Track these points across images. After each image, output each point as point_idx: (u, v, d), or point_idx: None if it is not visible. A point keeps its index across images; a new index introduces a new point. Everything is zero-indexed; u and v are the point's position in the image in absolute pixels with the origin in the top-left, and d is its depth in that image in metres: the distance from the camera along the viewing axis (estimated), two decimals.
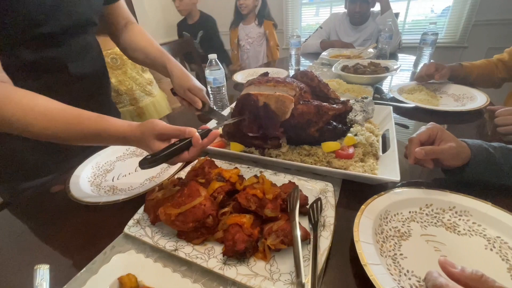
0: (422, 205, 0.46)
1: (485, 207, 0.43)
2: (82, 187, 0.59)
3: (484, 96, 0.84)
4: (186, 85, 0.69)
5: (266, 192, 0.44)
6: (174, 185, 0.49)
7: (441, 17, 2.33)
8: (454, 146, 0.46)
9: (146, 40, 0.78)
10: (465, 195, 0.45)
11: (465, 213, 0.44)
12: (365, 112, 0.62)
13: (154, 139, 0.46)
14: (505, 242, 0.39)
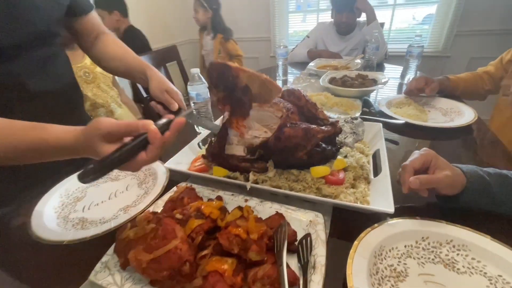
0: (418, 238, 0.43)
1: (484, 241, 0.41)
2: (46, 220, 0.52)
3: (472, 111, 0.83)
4: (164, 87, 0.68)
5: (251, 231, 0.39)
6: (148, 222, 0.44)
7: (423, 25, 2.38)
8: (449, 175, 0.44)
9: (123, 49, 0.77)
10: (462, 227, 0.43)
11: (463, 247, 0.41)
12: (355, 134, 0.59)
13: (101, 141, 0.37)
14: (507, 282, 0.37)
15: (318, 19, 2.63)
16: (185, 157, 0.67)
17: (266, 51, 2.87)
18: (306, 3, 2.75)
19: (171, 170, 0.62)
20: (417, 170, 0.47)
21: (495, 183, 0.45)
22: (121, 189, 0.63)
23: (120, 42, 0.78)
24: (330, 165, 0.56)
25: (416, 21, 2.49)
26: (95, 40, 0.75)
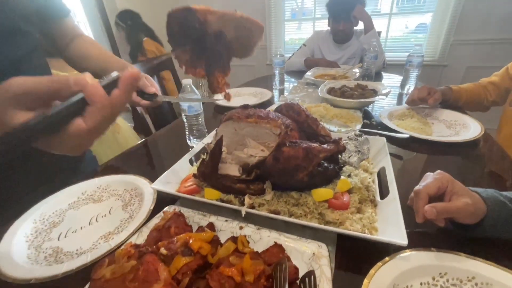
0: (435, 274, 0.38)
1: (509, 278, 0.36)
2: (16, 251, 0.46)
3: (478, 124, 0.80)
4: (143, 74, 0.65)
5: (246, 271, 0.34)
6: (128, 258, 0.38)
7: (417, 33, 2.39)
8: (470, 203, 0.39)
9: (99, 49, 0.75)
10: (485, 262, 0.38)
11: (487, 285, 0.36)
12: (360, 152, 0.55)
13: (12, 108, 0.26)
14: None
15: (314, 27, 2.63)
16: (175, 175, 0.62)
17: (262, 59, 2.85)
18: (301, 12, 2.76)
19: (159, 191, 0.56)
20: (432, 196, 0.42)
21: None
22: (103, 212, 0.57)
23: (96, 43, 0.76)
24: (333, 187, 0.51)
25: (409, 30, 2.51)
26: (70, 42, 0.73)
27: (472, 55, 2.04)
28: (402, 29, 2.52)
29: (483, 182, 0.64)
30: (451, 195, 0.41)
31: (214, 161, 0.52)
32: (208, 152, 0.54)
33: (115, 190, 0.63)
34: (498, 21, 1.92)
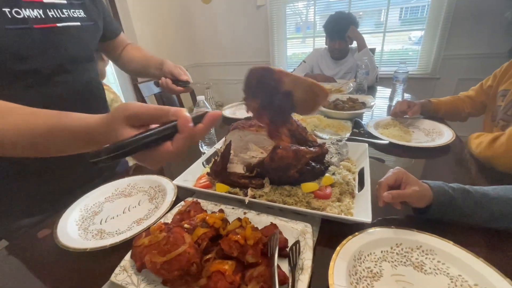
0: (392, 244, 0.50)
1: (448, 246, 0.47)
2: (70, 231, 0.60)
3: (451, 131, 0.92)
4: (177, 65, 0.87)
5: (248, 238, 0.46)
6: (160, 231, 0.51)
7: (418, 45, 2.46)
8: (417, 190, 0.51)
9: (140, 52, 0.96)
10: (431, 235, 0.49)
11: (431, 252, 0.48)
12: (340, 154, 0.68)
13: (124, 124, 0.33)
14: (465, 280, 0.43)
15: (314, 44, 2.80)
16: (191, 175, 0.75)
17: None
18: (305, 25, 2.90)
19: (179, 186, 0.70)
20: (391, 186, 0.54)
21: (459, 197, 0.52)
22: (133, 204, 0.70)
23: (139, 48, 0.97)
24: (319, 182, 0.64)
25: (412, 42, 2.59)
26: (122, 51, 0.94)
27: (463, 69, 2.17)
28: (406, 41, 2.62)
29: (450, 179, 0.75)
30: (405, 185, 0.53)
31: (224, 161, 0.65)
32: (219, 154, 0.68)
33: (142, 187, 0.76)
34: (486, 36, 2.06)
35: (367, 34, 2.53)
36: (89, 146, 0.38)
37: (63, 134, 0.38)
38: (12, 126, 0.38)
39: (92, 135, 0.37)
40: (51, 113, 0.40)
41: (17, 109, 0.40)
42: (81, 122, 0.37)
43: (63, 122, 0.38)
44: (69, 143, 0.39)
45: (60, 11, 0.66)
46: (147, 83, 1.43)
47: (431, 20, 2.22)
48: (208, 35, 3.13)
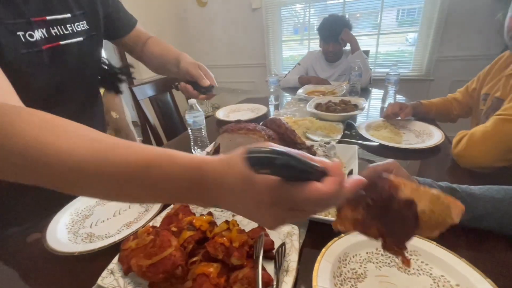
0: (378, 245, 0.50)
1: (431, 246, 0.48)
2: (59, 235, 0.60)
3: (440, 133, 0.93)
4: (196, 63, 0.76)
5: (233, 240, 0.47)
6: (148, 234, 0.51)
7: (413, 47, 2.46)
8: None
9: (161, 47, 0.87)
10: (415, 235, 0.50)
11: (414, 252, 0.49)
12: (328, 156, 0.68)
13: None
14: (448, 280, 0.44)
15: (309, 47, 2.82)
16: None
17: (262, 76, 3.04)
18: (302, 27, 2.91)
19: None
20: None
21: None
22: (124, 207, 0.71)
23: (160, 41, 0.88)
24: None
25: (409, 43, 2.60)
26: (143, 47, 0.87)
27: (456, 70, 2.20)
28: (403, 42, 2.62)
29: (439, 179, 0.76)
30: None
31: None
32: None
33: None
34: (478, 38, 2.08)
35: (364, 36, 2.56)
36: (194, 198, 0.29)
37: (161, 170, 0.27)
38: (87, 155, 0.27)
39: (201, 174, 0.27)
40: (140, 145, 0.29)
41: (95, 133, 0.30)
42: (186, 158, 0.28)
43: (169, 152, 0.28)
44: (163, 184, 0.28)
45: (63, 27, 0.64)
46: (141, 86, 1.44)
47: (425, 22, 2.25)
48: (204, 38, 3.15)
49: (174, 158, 0.28)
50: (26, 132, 0.27)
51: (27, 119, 0.28)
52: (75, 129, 0.30)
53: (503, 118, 0.68)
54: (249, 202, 0.27)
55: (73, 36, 0.66)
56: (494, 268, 0.45)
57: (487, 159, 0.69)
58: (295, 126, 1.05)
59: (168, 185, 0.28)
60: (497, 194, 0.52)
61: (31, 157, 0.26)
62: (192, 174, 0.27)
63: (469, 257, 0.45)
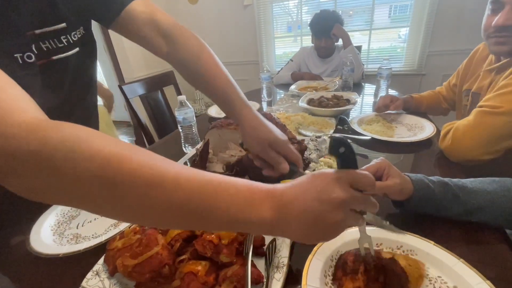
0: (373, 244, 0.50)
1: (428, 246, 0.46)
2: (43, 237, 0.58)
3: (432, 126, 0.93)
4: (266, 138, 0.50)
5: (222, 237, 0.46)
6: (134, 233, 0.50)
7: (405, 42, 2.46)
8: (398, 183, 0.51)
9: (223, 80, 0.59)
10: (412, 234, 0.48)
11: (411, 252, 0.47)
12: (319, 150, 0.67)
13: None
14: (445, 282, 0.42)
15: (302, 43, 2.81)
16: None
17: (255, 73, 3.02)
18: (296, 24, 2.90)
19: None
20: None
21: (439, 190, 0.52)
22: None
23: (222, 70, 0.62)
24: None
25: (401, 39, 2.61)
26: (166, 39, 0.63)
27: (447, 64, 2.21)
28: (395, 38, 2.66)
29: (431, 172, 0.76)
30: (387, 177, 0.52)
31: (203, 160, 0.64)
32: (198, 154, 0.67)
33: None
34: (467, 33, 2.10)
35: (357, 32, 2.56)
36: (255, 207, 0.29)
37: (231, 188, 0.29)
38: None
39: (269, 190, 0.30)
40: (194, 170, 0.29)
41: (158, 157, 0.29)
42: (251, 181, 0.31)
43: (228, 177, 0.30)
44: (228, 205, 0.28)
45: (56, 40, 0.55)
46: (130, 84, 1.41)
47: (416, 17, 2.26)
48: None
49: (241, 179, 0.31)
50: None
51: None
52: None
53: (483, 111, 0.68)
54: (317, 183, 0.30)
55: (67, 49, 0.57)
56: (482, 258, 0.45)
57: (474, 153, 0.69)
58: (287, 122, 1.04)
59: (240, 196, 0.29)
60: (489, 187, 0.52)
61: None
62: (261, 186, 0.31)
63: (464, 253, 0.44)
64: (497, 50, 0.75)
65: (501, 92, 0.66)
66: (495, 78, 0.78)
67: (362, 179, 0.31)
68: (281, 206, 0.29)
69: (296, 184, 0.31)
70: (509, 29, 0.69)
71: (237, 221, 0.28)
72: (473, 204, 0.51)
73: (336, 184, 0.30)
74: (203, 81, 0.60)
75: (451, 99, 1.07)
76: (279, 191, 0.30)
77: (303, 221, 0.29)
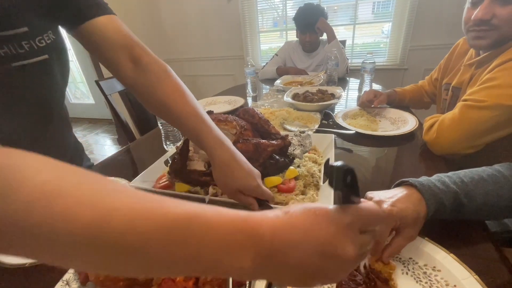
0: None
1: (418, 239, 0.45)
2: None
3: (414, 119, 0.94)
4: (236, 185, 0.48)
5: None
6: None
7: (388, 38, 2.51)
8: (413, 236, 0.43)
9: (190, 108, 0.52)
10: None
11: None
12: (303, 145, 0.66)
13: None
14: (416, 262, 0.43)
15: (287, 37, 2.79)
16: (151, 175, 0.70)
17: (240, 68, 2.98)
18: (282, 20, 2.87)
19: (137, 188, 0.65)
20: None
21: (452, 209, 0.45)
22: None
23: (187, 95, 0.54)
24: (282, 175, 0.62)
25: (385, 35, 2.63)
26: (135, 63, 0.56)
27: (428, 59, 2.26)
28: (379, 34, 2.68)
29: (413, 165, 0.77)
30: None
31: (183, 158, 0.61)
32: (178, 151, 0.64)
33: None
34: (447, 28, 2.15)
35: (341, 27, 2.57)
36: (234, 255, 0.22)
37: (203, 227, 0.22)
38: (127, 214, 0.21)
39: (257, 223, 0.23)
40: (171, 199, 0.24)
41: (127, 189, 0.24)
42: (234, 212, 0.24)
43: (202, 210, 0.23)
44: (208, 240, 0.22)
45: (16, 45, 0.49)
46: (108, 80, 1.34)
47: (397, 13, 2.29)
48: (179, 30, 3.03)
49: (220, 210, 0.24)
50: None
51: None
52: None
53: (468, 105, 0.68)
54: (320, 233, 0.24)
55: (31, 55, 0.52)
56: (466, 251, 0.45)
57: (458, 146, 0.69)
58: (272, 117, 1.02)
59: (214, 239, 0.22)
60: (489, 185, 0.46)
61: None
62: (244, 223, 0.23)
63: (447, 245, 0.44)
64: (476, 44, 0.76)
65: (485, 86, 0.67)
66: (475, 73, 0.79)
67: (374, 220, 0.27)
68: (269, 255, 0.23)
69: (292, 223, 0.24)
70: (487, 23, 0.69)
71: (209, 269, 0.23)
72: (474, 207, 0.45)
73: (345, 237, 0.24)
74: (167, 111, 0.52)
75: (432, 93, 1.09)
76: (269, 234, 0.23)
77: (296, 274, 0.24)
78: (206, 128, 0.50)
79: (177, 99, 0.52)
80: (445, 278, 0.40)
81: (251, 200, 0.49)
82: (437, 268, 0.42)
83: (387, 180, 0.70)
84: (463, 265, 0.40)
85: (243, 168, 0.48)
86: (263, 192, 0.49)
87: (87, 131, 3.44)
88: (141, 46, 0.56)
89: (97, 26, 0.53)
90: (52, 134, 0.67)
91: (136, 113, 1.47)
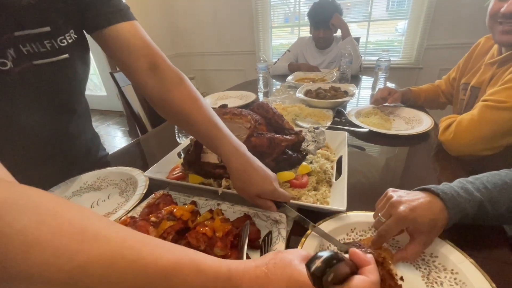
0: (348, 230, 0.49)
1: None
2: None
3: (430, 119, 0.92)
4: (253, 191, 0.48)
5: (216, 229, 0.44)
6: (125, 225, 0.48)
7: (403, 36, 2.44)
8: (426, 243, 0.42)
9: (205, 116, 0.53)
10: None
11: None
12: (316, 142, 0.66)
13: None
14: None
15: (299, 33, 2.76)
16: (165, 166, 0.72)
17: (251, 64, 2.97)
18: (293, 16, 2.85)
19: (151, 178, 0.66)
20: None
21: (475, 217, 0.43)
22: (103, 197, 0.67)
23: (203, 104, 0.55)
24: (295, 171, 0.62)
25: (399, 33, 2.60)
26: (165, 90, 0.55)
27: (444, 58, 2.20)
28: (393, 32, 2.63)
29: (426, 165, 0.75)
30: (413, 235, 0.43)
31: (197, 150, 0.62)
32: (193, 144, 0.64)
33: (112, 180, 0.72)
34: (465, 27, 2.08)
35: (354, 23, 2.52)
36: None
37: (190, 276, 0.25)
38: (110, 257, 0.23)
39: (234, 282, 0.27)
40: (166, 243, 0.27)
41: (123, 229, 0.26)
42: (219, 265, 0.27)
43: (193, 257, 0.27)
44: None
45: (39, 44, 0.51)
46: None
47: (414, 11, 2.23)
48: (191, 25, 3.03)
49: (200, 265, 0.26)
50: None
51: None
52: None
53: (488, 105, 0.66)
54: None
55: (53, 54, 0.54)
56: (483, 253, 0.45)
57: (475, 148, 0.68)
58: (284, 113, 1.02)
59: None
60: None
61: None
62: (220, 284, 0.26)
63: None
64: (503, 39, 0.72)
65: (506, 86, 0.64)
66: (497, 72, 0.76)
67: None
68: None
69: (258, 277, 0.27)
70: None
71: None
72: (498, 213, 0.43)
73: None
74: (181, 118, 0.53)
75: (449, 93, 1.06)
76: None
77: None
78: (221, 135, 0.50)
79: (192, 106, 0.53)
80: (443, 263, 0.41)
81: (269, 203, 0.49)
82: (434, 254, 0.43)
83: (400, 180, 0.69)
84: (459, 251, 0.41)
85: (259, 173, 0.49)
86: (279, 195, 0.49)
87: (98, 122, 3.51)
88: (160, 54, 0.57)
89: (120, 32, 0.54)
90: (74, 126, 0.70)
91: (148, 106, 1.49)
